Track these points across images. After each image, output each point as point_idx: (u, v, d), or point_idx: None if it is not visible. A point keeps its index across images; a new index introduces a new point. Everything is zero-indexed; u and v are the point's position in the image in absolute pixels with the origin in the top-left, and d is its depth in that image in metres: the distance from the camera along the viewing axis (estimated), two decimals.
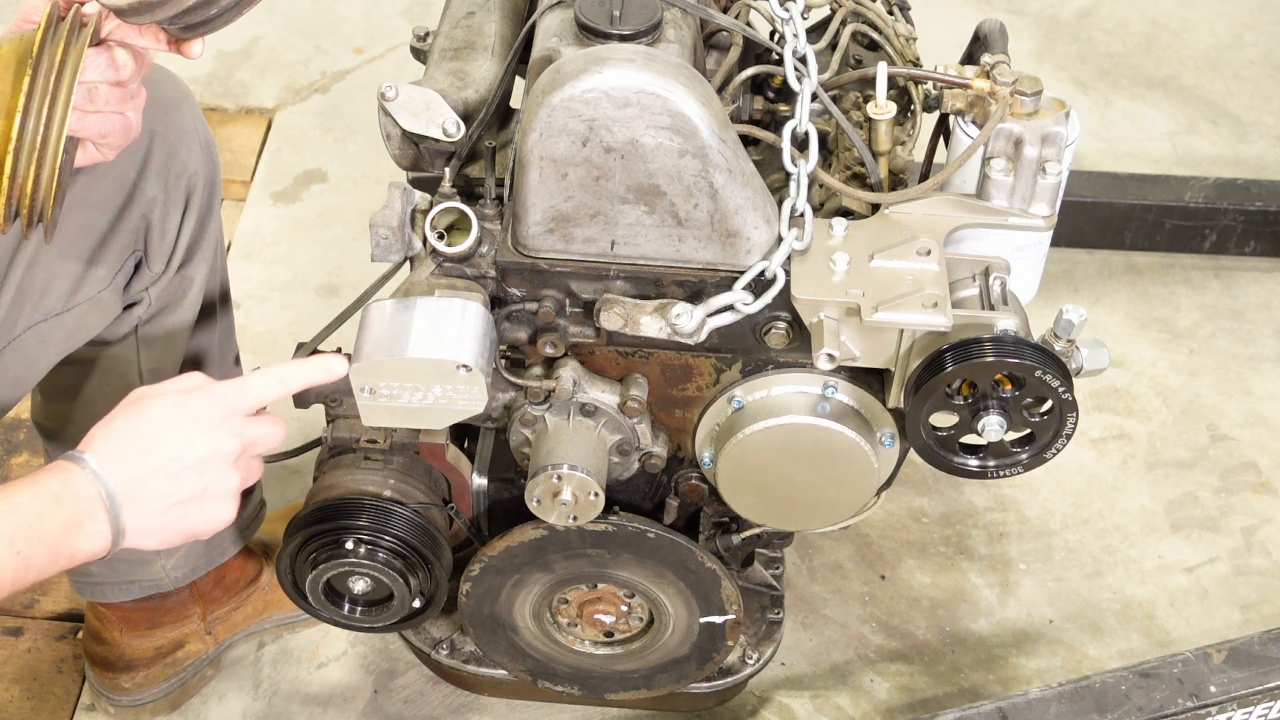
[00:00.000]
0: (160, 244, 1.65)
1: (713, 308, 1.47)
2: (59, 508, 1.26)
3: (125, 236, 1.62)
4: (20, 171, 1.33)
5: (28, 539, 1.24)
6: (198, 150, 1.66)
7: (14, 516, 1.25)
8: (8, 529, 1.24)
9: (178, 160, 1.63)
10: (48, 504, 1.26)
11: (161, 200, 1.63)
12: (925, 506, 2.23)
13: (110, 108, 1.41)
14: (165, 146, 1.62)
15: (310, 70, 2.99)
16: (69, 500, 1.26)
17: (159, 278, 1.67)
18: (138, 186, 1.60)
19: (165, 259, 1.66)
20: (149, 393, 1.35)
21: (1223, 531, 2.23)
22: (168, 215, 1.64)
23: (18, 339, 1.57)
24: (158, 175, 1.62)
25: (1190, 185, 2.56)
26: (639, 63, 1.39)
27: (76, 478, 1.27)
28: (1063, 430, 1.50)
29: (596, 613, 1.77)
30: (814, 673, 2.04)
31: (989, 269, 1.51)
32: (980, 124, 1.52)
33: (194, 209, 1.67)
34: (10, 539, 1.23)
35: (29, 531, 1.24)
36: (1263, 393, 2.42)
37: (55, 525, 1.26)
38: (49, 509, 1.26)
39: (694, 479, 1.66)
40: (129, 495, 1.29)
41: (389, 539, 1.56)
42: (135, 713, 1.97)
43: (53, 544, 1.25)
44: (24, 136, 1.32)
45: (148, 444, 1.31)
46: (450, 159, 1.56)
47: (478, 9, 1.68)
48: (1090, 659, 2.06)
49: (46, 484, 1.27)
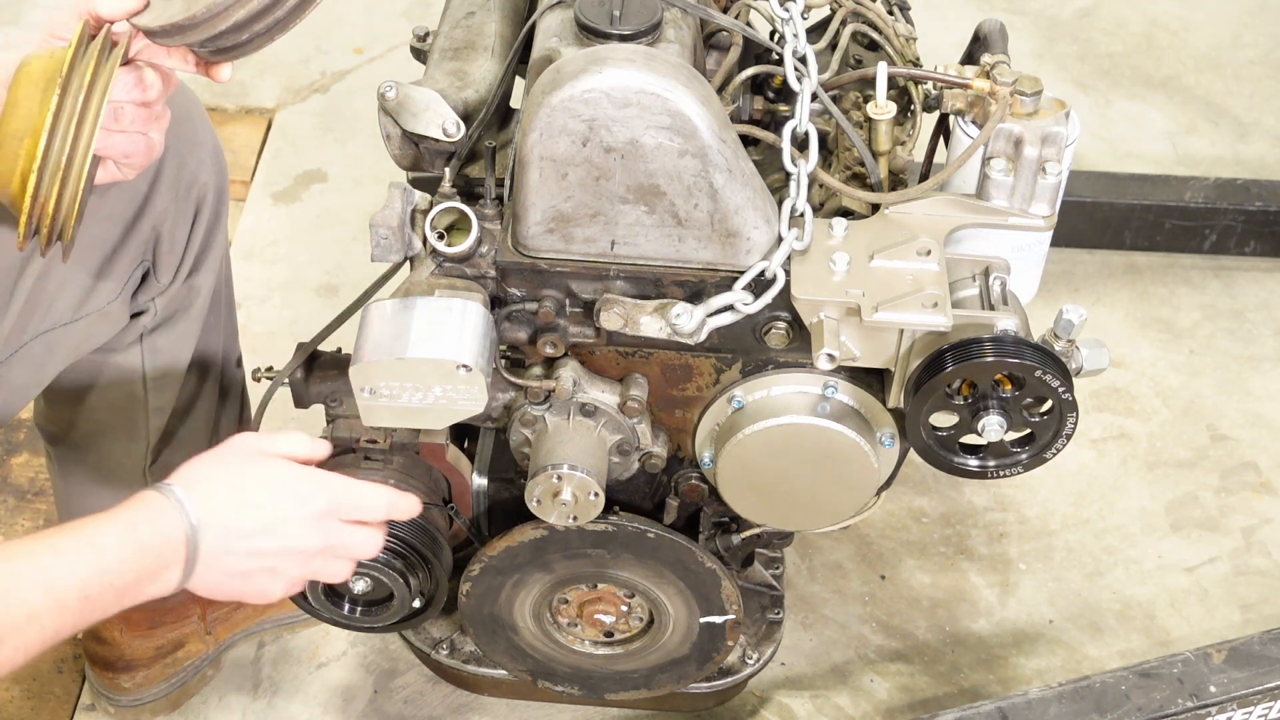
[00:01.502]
0: (169, 255, 1.65)
1: (713, 308, 1.47)
2: (141, 557, 1.23)
3: (134, 249, 1.61)
4: (43, 190, 1.31)
5: (101, 586, 1.21)
6: (208, 161, 1.65)
7: (95, 561, 1.21)
8: (84, 574, 1.20)
9: (188, 172, 1.62)
10: (132, 551, 1.23)
11: (172, 213, 1.62)
12: (925, 506, 2.23)
13: (135, 128, 1.40)
14: (177, 159, 1.61)
15: (310, 70, 2.99)
16: (153, 549, 1.24)
17: (166, 289, 1.67)
18: (149, 200, 1.60)
19: (174, 270, 1.66)
20: (263, 448, 1.34)
21: (1223, 531, 2.23)
22: (177, 227, 1.64)
23: (25, 347, 1.57)
24: (169, 188, 1.61)
25: (1190, 185, 2.56)
26: (639, 63, 1.39)
27: (168, 526, 1.25)
28: (1063, 430, 1.50)
29: (596, 613, 1.77)
30: (814, 673, 2.04)
31: (989, 269, 1.51)
32: (980, 124, 1.52)
33: (203, 219, 1.66)
34: (84, 585, 1.20)
35: (104, 579, 1.21)
36: (1263, 393, 2.42)
37: (133, 575, 1.23)
38: (132, 557, 1.23)
39: (694, 479, 1.66)
40: (210, 556, 1.27)
41: (389, 539, 1.56)
42: (135, 713, 1.97)
43: (123, 591, 1.23)
44: (49, 155, 1.30)
45: (246, 507, 1.30)
46: (450, 159, 1.56)
47: (478, 9, 1.68)
48: (1090, 659, 2.06)
49: (136, 528, 1.24)
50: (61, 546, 1.21)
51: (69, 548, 1.21)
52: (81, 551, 1.21)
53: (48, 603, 1.18)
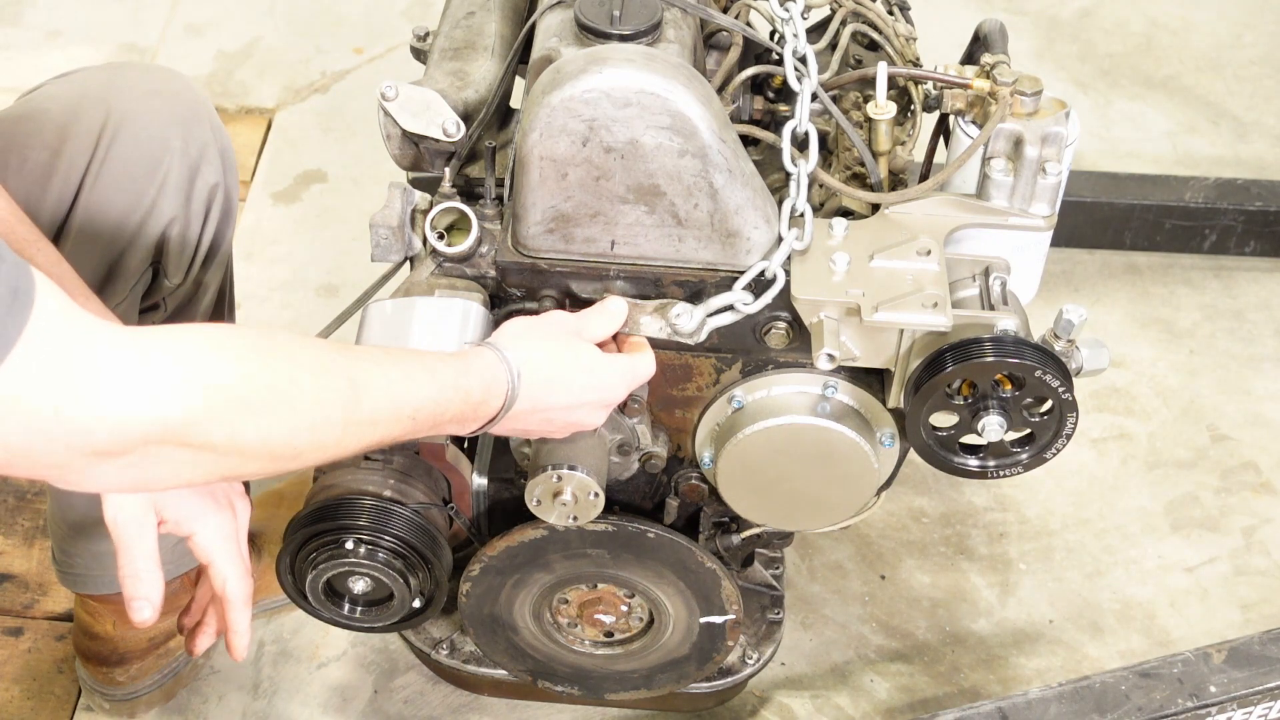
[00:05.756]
0: (179, 256, 1.64)
1: (713, 308, 1.47)
2: (465, 401, 1.32)
3: (141, 252, 1.61)
4: None
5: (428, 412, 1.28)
6: (217, 162, 1.65)
7: (432, 389, 1.28)
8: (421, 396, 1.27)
9: (201, 177, 1.62)
10: (461, 394, 1.31)
11: (182, 217, 1.62)
12: (925, 506, 2.23)
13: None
14: (186, 162, 1.60)
15: (310, 70, 2.99)
16: (474, 401, 1.32)
17: (176, 288, 1.67)
18: (157, 204, 1.59)
19: (184, 271, 1.66)
20: (579, 329, 1.43)
21: (1223, 531, 2.23)
22: (188, 229, 1.63)
23: None
24: (178, 192, 1.60)
25: (1190, 185, 2.56)
26: (639, 63, 1.39)
27: (495, 389, 1.34)
28: (1063, 430, 1.50)
29: (596, 613, 1.77)
30: (814, 673, 2.04)
31: (989, 269, 1.51)
32: (980, 124, 1.52)
33: (212, 219, 1.66)
34: (416, 406, 1.27)
35: (432, 407, 1.28)
36: (1263, 393, 2.42)
37: (451, 414, 1.31)
38: (459, 399, 1.31)
39: (694, 479, 1.66)
40: (511, 418, 1.37)
41: (389, 539, 1.56)
42: (130, 706, 1.97)
43: (438, 425, 1.31)
44: None
45: (557, 383, 1.39)
46: (450, 159, 1.56)
47: (478, 9, 1.68)
48: (1090, 659, 2.06)
49: (468, 374, 1.32)
50: (406, 367, 1.28)
51: (413, 370, 1.28)
52: (421, 377, 1.28)
53: (389, 411, 1.25)
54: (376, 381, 1.23)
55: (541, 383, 1.38)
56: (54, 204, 1.56)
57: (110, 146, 1.57)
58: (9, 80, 2.83)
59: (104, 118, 1.57)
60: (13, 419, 1.00)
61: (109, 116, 1.57)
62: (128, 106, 1.58)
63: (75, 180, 1.57)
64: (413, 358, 1.31)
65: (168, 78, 1.66)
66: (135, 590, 1.40)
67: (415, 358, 1.31)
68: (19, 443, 1.02)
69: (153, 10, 3.11)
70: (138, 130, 1.58)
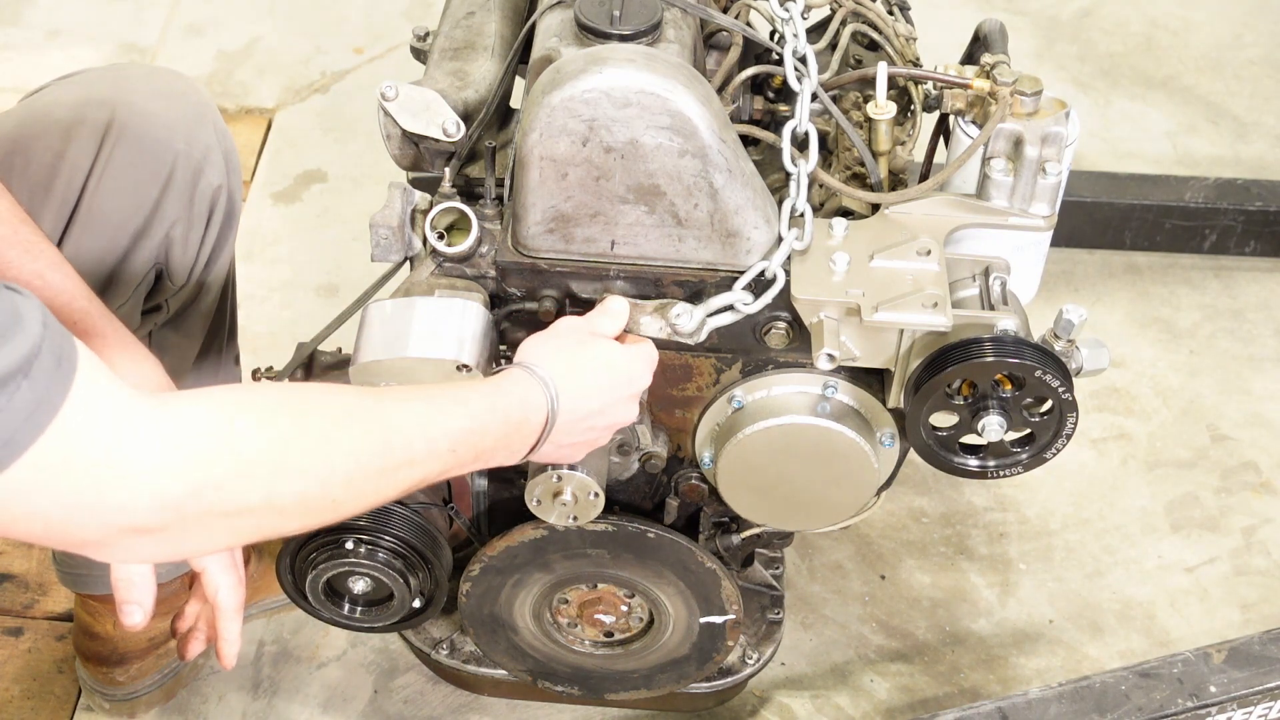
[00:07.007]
0: (182, 258, 1.64)
1: (713, 308, 1.47)
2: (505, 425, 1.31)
3: (145, 255, 1.61)
4: None
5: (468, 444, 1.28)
6: (221, 164, 1.64)
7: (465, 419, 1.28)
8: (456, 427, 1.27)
9: (204, 179, 1.61)
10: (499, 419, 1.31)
11: (185, 219, 1.61)
12: (925, 506, 2.23)
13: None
14: (190, 165, 1.60)
15: (310, 70, 2.99)
16: (515, 421, 1.33)
17: (179, 290, 1.67)
18: (160, 206, 1.59)
19: (187, 272, 1.66)
20: (591, 329, 1.42)
21: (1223, 531, 2.23)
22: (191, 230, 1.63)
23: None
24: (181, 194, 1.60)
25: (1190, 185, 2.56)
26: (639, 63, 1.39)
27: (534, 406, 1.34)
28: (1063, 430, 1.50)
29: (596, 613, 1.77)
30: (814, 673, 2.04)
31: (989, 269, 1.51)
32: (980, 124, 1.52)
33: (216, 221, 1.66)
34: (453, 438, 1.26)
35: (470, 438, 1.28)
36: (1263, 393, 2.42)
37: (493, 440, 1.31)
38: (497, 424, 1.30)
39: (694, 479, 1.66)
40: (556, 433, 1.37)
41: (389, 539, 1.56)
42: (130, 706, 1.97)
43: (481, 454, 1.31)
44: None
45: (588, 389, 1.39)
46: (450, 159, 1.56)
47: (478, 9, 1.68)
48: (1090, 659, 2.06)
49: (504, 396, 1.32)
50: (436, 400, 1.28)
51: (443, 402, 1.28)
52: (452, 408, 1.28)
53: (424, 448, 1.24)
54: (407, 421, 1.23)
55: (576, 389, 1.38)
56: (58, 205, 1.56)
57: (114, 148, 1.57)
58: (10, 80, 2.84)
59: (108, 119, 1.57)
60: (52, 490, 1.02)
61: (113, 118, 1.57)
62: (132, 108, 1.58)
63: (79, 182, 1.57)
64: (441, 390, 1.31)
65: (172, 79, 1.65)
66: (128, 594, 1.40)
67: (444, 390, 1.31)
68: (59, 516, 1.04)
69: (153, 10, 3.11)
70: (142, 132, 1.58)
